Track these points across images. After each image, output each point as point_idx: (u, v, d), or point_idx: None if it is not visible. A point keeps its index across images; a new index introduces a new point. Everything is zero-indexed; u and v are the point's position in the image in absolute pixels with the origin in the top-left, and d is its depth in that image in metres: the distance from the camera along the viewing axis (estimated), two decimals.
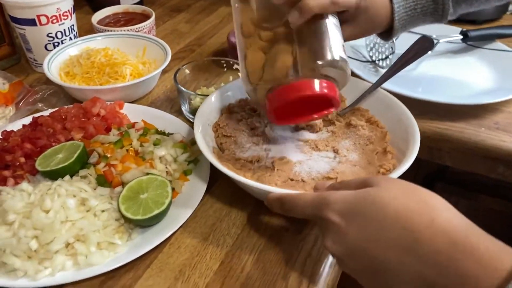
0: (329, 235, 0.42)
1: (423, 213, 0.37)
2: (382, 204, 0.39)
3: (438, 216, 0.36)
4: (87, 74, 0.78)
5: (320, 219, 0.43)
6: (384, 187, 0.40)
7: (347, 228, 0.40)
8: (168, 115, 0.73)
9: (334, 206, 0.41)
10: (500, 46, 0.93)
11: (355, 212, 0.40)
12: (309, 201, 0.45)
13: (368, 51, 0.92)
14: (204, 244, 0.55)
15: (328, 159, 0.58)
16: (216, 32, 1.04)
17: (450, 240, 0.35)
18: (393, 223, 0.37)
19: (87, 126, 0.67)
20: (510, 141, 0.72)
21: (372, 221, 0.39)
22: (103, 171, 0.59)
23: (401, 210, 0.38)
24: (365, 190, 0.41)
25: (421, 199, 0.38)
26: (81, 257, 0.50)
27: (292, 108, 0.53)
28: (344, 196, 0.42)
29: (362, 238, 0.39)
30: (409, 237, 0.36)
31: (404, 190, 0.40)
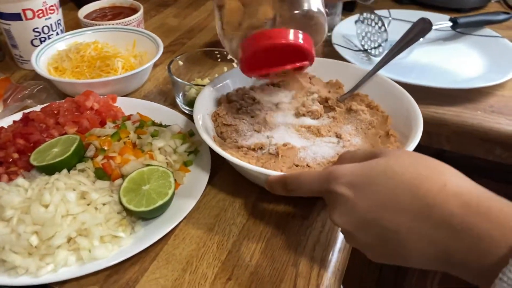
0: (337, 208, 0.41)
1: (434, 179, 0.36)
2: (392, 172, 0.38)
3: (449, 180, 0.36)
4: (77, 68, 0.76)
5: (328, 193, 0.42)
6: (393, 157, 0.40)
7: (356, 198, 0.39)
8: (163, 107, 0.71)
9: (342, 179, 0.40)
10: (489, 32, 0.94)
11: (364, 183, 0.39)
12: (315, 177, 0.43)
13: (360, 40, 0.92)
14: (210, 234, 0.54)
15: (332, 144, 0.57)
16: (206, 25, 1.03)
17: (462, 203, 0.34)
18: (404, 191, 0.37)
19: (81, 120, 0.65)
20: (506, 123, 0.72)
21: (382, 190, 0.38)
22: (102, 164, 0.57)
23: (412, 178, 0.37)
24: (373, 161, 0.40)
25: (432, 165, 0.38)
26: (84, 251, 0.49)
27: (265, 58, 0.51)
28: (352, 168, 0.41)
29: (372, 207, 0.38)
30: (421, 203, 0.36)
31: (414, 159, 0.39)
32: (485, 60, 0.87)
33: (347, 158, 0.45)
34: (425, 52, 0.92)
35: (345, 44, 0.91)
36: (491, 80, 0.77)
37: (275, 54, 0.51)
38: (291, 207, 0.57)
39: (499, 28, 0.97)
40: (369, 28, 0.89)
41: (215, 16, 0.56)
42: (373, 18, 0.87)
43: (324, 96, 0.65)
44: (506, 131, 0.71)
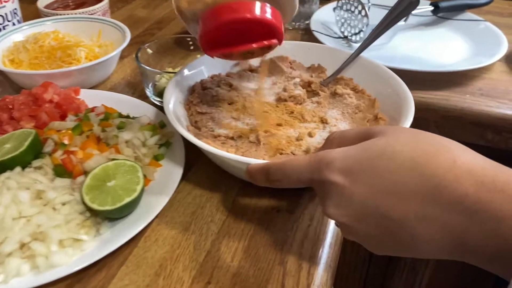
0: (331, 200, 0.35)
1: (442, 156, 0.31)
2: (393, 152, 0.33)
3: (458, 156, 0.31)
4: (36, 60, 0.69)
5: (319, 182, 0.36)
6: (392, 135, 0.34)
7: (353, 186, 0.34)
8: (131, 98, 0.65)
9: (335, 164, 0.35)
10: (470, 16, 0.92)
11: (361, 168, 0.34)
12: (303, 165, 0.37)
13: (339, 26, 0.88)
14: (186, 234, 0.48)
15: (317, 130, 0.52)
16: (176, 16, 0.97)
17: (476, 181, 0.30)
18: (409, 172, 0.32)
19: (39, 114, 0.59)
20: (496, 106, 0.69)
21: (383, 174, 0.33)
22: (61, 160, 0.50)
23: (417, 156, 0.32)
24: (369, 141, 0.35)
25: (437, 141, 0.33)
26: (41, 258, 0.42)
27: (228, 35, 0.45)
28: (345, 152, 0.35)
29: (372, 195, 0.33)
30: (429, 184, 0.31)
31: (415, 135, 0.34)
32: (469, 43, 0.84)
33: (335, 140, 0.40)
34: (407, 37, 0.88)
35: (324, 31, 0.87)
36: (477, 63, 0.74)
37: (240, 30, 0.45)
38: (276, 201, 0.52)
39: (479, 12, 0.94)
40: (348, 14, 0.85)
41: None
42: (352, 3, 0.83)
43: (306, 80, 0.60)
44: (497, 114, 0.68)
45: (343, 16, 0.87)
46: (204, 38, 0.46)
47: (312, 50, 0.66)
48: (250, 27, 0.45)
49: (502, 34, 0.82)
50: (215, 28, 0.45)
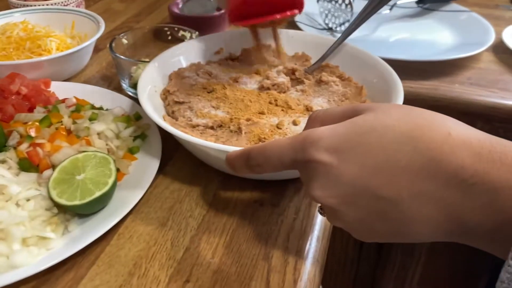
0: (316, 181, 0.32)
1: (436, 128, 0.29)
2: (384, 127, 0.30)
3: (453, 128, 0.29)
4: (3, 51, 0.65)
5: (304, 163, 0.33)
6: (382, 110, 0.31)
7: (341, 166, 0.30)
8: (106, 90, 0.62)
9: (321, 143, 0.31)
10: (456, 7, 0.90)
11: (350, 144, 0.30)
12: (286, 146, 0.34)
13: (323, 18, 0.86)
14: (163, 230, 0.45)
15: (302, 118, 0.49)
16: (155, 9, 0.94)
17: (473, 152, 0.27)
18: (401, 147, 0.29)
19: (5, 106, 0.55)
20: (486, 95, 0.67)
21: (373, 150, 0.30)
22: (27, 153, 0.47)
23: (410, 130, 0.29)
24: (359, 117, 0.32)
25: (430, 115, 0.30)
26: (1, 258, 0.38)
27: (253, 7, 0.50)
28: (332, 129, 0.32)
29: (362, 174, 0.30)
30: (423, 159, 0.28)
31: (406, 110, 0.31)
32: (456, 34, 0.82)
33: (319, 119, 0.36)
34: (392, 29, 0.86)
35: (309, 22, 0.84)
36: (465, 52, 0.72)
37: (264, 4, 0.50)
38: (259, 193, 0.49)
39: (464, 4, 0.93)
40: (332, 5, 0.83)
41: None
42: None
43: (290, 67, 0.57)
44: (487, 103, 0.66)
45: (327, 8, 0.84)
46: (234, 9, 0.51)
47: (296, 38, 0.63)
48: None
49: (489, 24, 0.81)
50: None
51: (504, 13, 0.95)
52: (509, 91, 0.67)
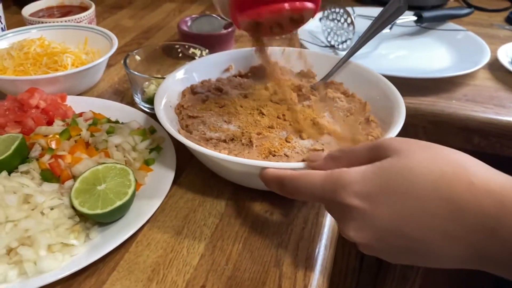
0: (351, 223, 0.35)
1: (459, 177, 0.32)
2: (411, 174, 0.33)
3: (474, 176, 0.32)
4: (21, 67, 0.68)
5: (335, 204, 0.36)
6: (407, 154, 0.34)
7: (374, 211, 0.34)
8: (120, 104, 0.64)
9: (353, 188, 0.34)
10: (453, 26, 0.94)
11: (381, 190, 0.33)
12: (318, 183, 0.37)
13: (326, 36, 0.89)
14: (178, 238, 0.47)
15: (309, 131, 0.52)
16: (163, 26, 0.97)
17: (496, 200, 0.30)
18: (429, 195, 0.32)
19: (25, 120, 0.57)
20: (481, 110, 0.70)
21: (404, 197, 0.33)
22: (49, 164, 0.49)
23: (435, 179, 0.32)
24: (386, 162, 0.35)
25: (452, 160, 0.33)
26: (29, 264, 0.41)
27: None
28: (362, 173, 0.35)
29: (394, 218, 0.33)
30: (451, 206, 0.31)
31: (430, 153, 0.34)
32: (452, 52, 0.86)
33: (344, 157, 0.39)
34: (391, 47, 0.90)
35: (311, 40, 0.88)
36: (462, 70, 0.75)
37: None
38: (268, 203, 0.51)
39: (460, 23, 0.96)
40: (334, 24, 0.86)
41: None
42: (338, 12, 0.84)
43: (297, 84, 0.60)
44: (483, 119, 0.69)
45: (329, 26, 0.88)
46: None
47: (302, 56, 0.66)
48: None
49: (484, 43, 0.84)
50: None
51: (499, 32, 0.99)
52: (504, 107, 0.71)
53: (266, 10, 0.45)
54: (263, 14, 0.45)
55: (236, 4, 0.46)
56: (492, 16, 1.08)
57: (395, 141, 0.36)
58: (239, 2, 0.45)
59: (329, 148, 0.50)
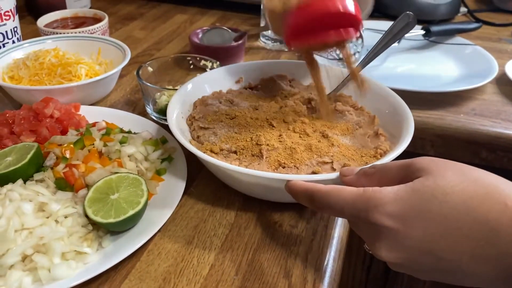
0: (384, 243, 0.36)
1: (492, 198, 0.32)
2: (444, 195, 0.33)
3: (510, 198, 0.32)
4: (36, 77, 0.70)
5: (366, 223, 0.37)
6: (438, 174, 0.35)
7: (407, 231, 0.34)
8: (131, 115, 0.66)
9: (385, 208, 0.35)
10: (461, 41, 0.94)
11: (413, 212, 0.34)
12: (349, 201, 0.37)
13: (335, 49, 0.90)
14: (189, 248, 0.48)
15: (318, 143, 0.53)
16: (175, 37, 0.98)
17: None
18: (461, 216, 0.33)
19: (39, 129, 0.58)
20: (490, 125, 0.71)
21: (436, 218, 0.33)
22: (63, 173, 0.50)
23: (469, 198, 0.33)
24: (418, 183, 0.35)
25: (484, 181, 0.34)
26: (43, 271, 0.42)
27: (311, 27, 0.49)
28: (394, 194, 0.35)
29: (426, 239, 0.34)
30: (484, 228, 0.32)
31: (462, 174, 0.34)
32: (460, 66, 0.87)
33: (377, 174, 0.40)
34: (399, 60, 0.91)
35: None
36: (471, 84, 0.76)
37: (325, 22, 0.49)
38: (278, 214, 0.52)
39: (468, 37, 0.97)
40: None
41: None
42: None
43: (306, 97, 0.61)
44: (491, 133, 0.69)
45: None
46: (292, 29, 0.50)
47: None
48: (335, 19, 0.49)
49: (492, 57, 0.85)
50: (305, 19, 0.48)
51: (507, 46, 0.99)
52: None
53: (317, 40, 0.50)
54: (313, 43, 0.51)
55: (289, 34, 0.51)
56: (500, 30, 1.09)
57: (426, 161, 0.37)
58: (293, 33, 0.51)
59: (338, 160, 0.50)
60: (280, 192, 0.46)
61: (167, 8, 1.15)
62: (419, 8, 1.09)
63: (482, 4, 1.26)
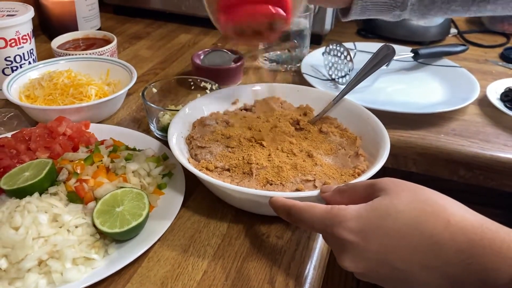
0: (347, 255, 0.41)
1: (437, 215, 0.38)
2: (397, 213, 0.39)
3: (452, 215, 0.38)
4: (50, 96, 0.76)
5: (332, 237, 0.42)
6: (394, 194, 0.41)
7: (366, 245, 0.40)
8: (136, 132, 0.72)
9: (348, 224, 0.41)
10: (447, 63, 1.00)
11: (371, 228, 0.40)
12: (318, 217, 0.44)
13: (327, 70, 0.96)
14: (185, 255, 0.54)
15: (303, 163, 0.59)
16: (178, 57, 1.05)
17: (468, 238, 0.36)
18: (411, 230, 0.38)
19: (53, 145, 0.65)
20: (467, 145, 0.76)
21: (390, 233, 0.39)
22: (75, 187, 0.56)
23: (416, 216, 0.38)
24: (376, 202, 0.41)
25: (433, 201, 0.40)
26: (56, 274, 0.47)
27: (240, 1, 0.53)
28: (356, 212, 0.41)
29: (382, 250, 0.39)
30: (429, 241, 0.37)
31: (414, 194, 0.40)
32: (445, 87, 0.92)
33: (348, 192, 0.47)
34: (389, 81, 0.96)
35: (313, 73, 0.95)
36: (452, 106, 0.81)
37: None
38: (266, 227, 0.58)
39: (456, 59, 1.03)
40: (336, 59, 0.93)
41: None
42: (339, 49, 0.91)
43: (295, 118, 0.67)
44: (468, 152, 0.75)
45: (330, 61, 0.95)
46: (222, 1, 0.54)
47: (301, 92, 0.73)
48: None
49: (475, 80, 0.90)
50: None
51: (492, 68, 1.05)
52: (489, 142, 0.76)
53: (245, 13, 0.54)
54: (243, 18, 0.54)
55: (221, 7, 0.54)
56: (488, 52, 1.14)
57: (386, 181, 0.43)
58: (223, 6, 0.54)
59: (319, 179, 0.56)
60: (267, 206, 0.52)
61: (172, 28, 1.22)
62: (410, 30, 1.15)
63: (473, 25, 1.31)
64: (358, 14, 0.64)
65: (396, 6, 0.63)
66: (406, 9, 0.63)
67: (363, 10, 0.63)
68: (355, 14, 0.64)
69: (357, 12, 0.64)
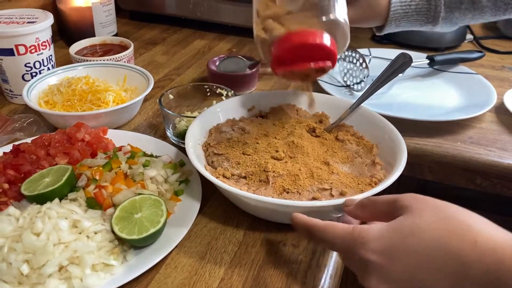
0: (372, 276, 0.41)
1: (464, 235, 0.38)
2: (420, 232, 0.39)
3: (479, 235, 0.37)
4: (68, 102, 0.77)
5: (355, 257, 0.42)
6: (417, 213, 0.40)
7: (391, 265, 0.40)
8: (153, 138, 0.72)
9: (371, 245, 0.41)
10: (463, 69, 0.99)
11: (395, 248, 0.40)
12: (340, 237, 0.44)
13: (342, 76, 0.96)
14: (202, 262, 0.54)
15: (320, 171, 0.59)
16: (194, 63, 1.06)
17: (497, 259, 0.36)
18: (436, 251, 0.38)
19: (72, 151, 0.66)
20: (484, 153, 0.75)
21: (414, 254, 0.39)
22: (94, 193, 0.57)
23: (441, 236, 0.38)
24: (399, 221, 0.41)
25: (458, 219, 0.39)
26: (76, 280, 0.48)
27: (294, 55, 0.55)
28: (379, 232, 0.41)
29: (407, 272, 0.39)
30: (456, 262, 0.37)
31: (438, 212, 0.40)
32: (461, 95, 0.91)
33: (368, 207, 0.47)
34: (405, 87, 0.96)
35: (329, 80, 0.95)
36: (468, 113, 0.81)
37: (304, 53, 0.55)
38: (282, 235, 0.58)
39: (472, 65, 1.02)
40: (351, 66, 0.93)
41: (253, 19, 0.59)
42: (355, 56, 0.91)
43: (311, 126, 0.67)
44: (485, 161, 0.74)
45: (346, 67, 0.95)
46: (276, 57, 0.56)
47: (317, 99, 0.73)
48: (313, 50, 0.55)
49: (492, 87, 0.90)
50: (286, 49, 0.54)
51: (509, 74, 1.04)
52: (506, 151, 0.76)
53: (297, 68, 0.57)
54: (295, 70, 0.57)
55: (275, 61, 0.57)
56: (504, 58, 1.13)
57: (409, 199, 0.42)
58: (276, 60, 0.57)
59: (336, 188, 0.56)
60: (283, 215, 0.52)
61: (188, 33, 1.23)
62: (426, 36, 1.14)
63: (489, 30, 1.30)
64: (392, 29, 0.70)
65: (428, 22, 0.68)
66: (438, 23, 0.68)
67: (397, 26, 0.69)
68: (389, 29, 0.70)
69: (392, 28, 0.69)
